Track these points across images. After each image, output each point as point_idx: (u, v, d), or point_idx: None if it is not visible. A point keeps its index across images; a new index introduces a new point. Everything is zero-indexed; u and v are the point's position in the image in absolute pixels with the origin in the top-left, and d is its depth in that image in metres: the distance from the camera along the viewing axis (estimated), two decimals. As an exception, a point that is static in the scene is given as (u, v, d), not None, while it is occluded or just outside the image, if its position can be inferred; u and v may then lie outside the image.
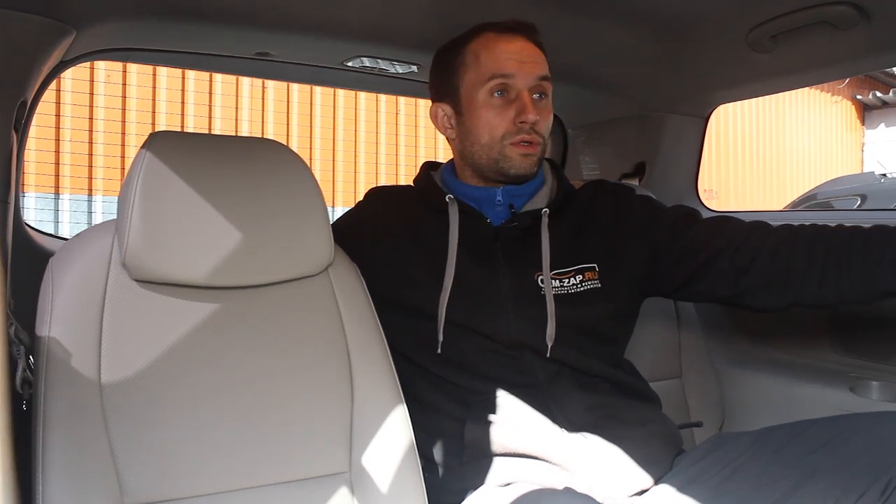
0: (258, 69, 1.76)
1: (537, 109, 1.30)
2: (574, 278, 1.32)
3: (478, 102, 1.33)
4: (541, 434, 1.21)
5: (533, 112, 1.29)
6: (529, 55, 1.32)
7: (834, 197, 5.39)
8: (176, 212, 1.08)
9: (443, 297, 1.29)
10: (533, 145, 1.32)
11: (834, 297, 1.24)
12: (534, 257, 1.32)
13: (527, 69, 1.31)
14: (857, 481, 1.03)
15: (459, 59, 1.36)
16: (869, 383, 1.63)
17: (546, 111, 1.34)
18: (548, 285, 1.30)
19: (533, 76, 1.31)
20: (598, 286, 1.33)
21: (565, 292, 1.31)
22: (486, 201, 1.36)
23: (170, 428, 1.04)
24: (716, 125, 9.61)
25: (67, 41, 1.28)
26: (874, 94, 11.06)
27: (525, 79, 1.31)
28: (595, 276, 1.33)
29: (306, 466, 1.11)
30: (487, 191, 1.36)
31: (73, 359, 1.00)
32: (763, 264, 1.27)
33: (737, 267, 1.29)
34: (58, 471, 0.94)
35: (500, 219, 1.35)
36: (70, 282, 1.06)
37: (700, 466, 1.20)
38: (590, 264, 1.34)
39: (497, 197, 1.35)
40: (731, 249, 1.29)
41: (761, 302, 1.31)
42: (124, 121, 6.12)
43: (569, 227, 1.37)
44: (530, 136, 1.31)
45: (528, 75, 1.31)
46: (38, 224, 1.69)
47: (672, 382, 1.85)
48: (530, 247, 1.32)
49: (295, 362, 1.15)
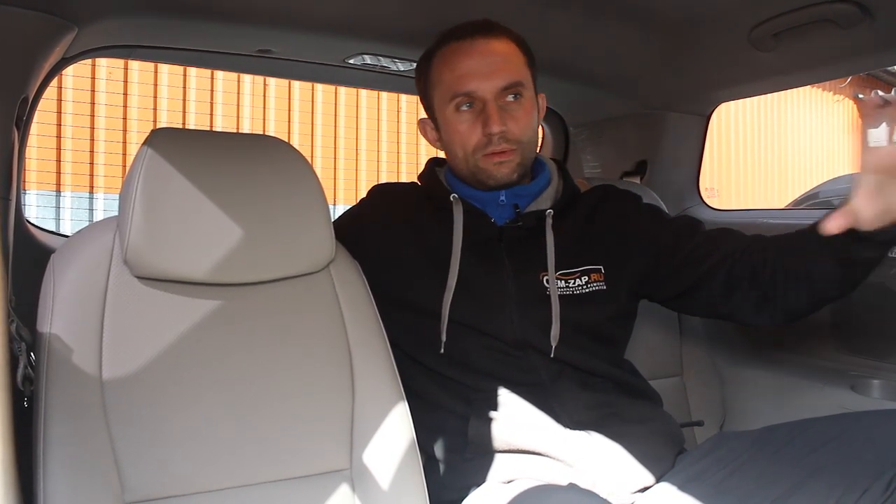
0: (260, 66, 1.76)
1: (507, 115, 1.28)
2: (580, 279, 1.32)
3: (448, 119, 1.32)
4: (544, 431, 1.21)
5: (497, 123, 1.27)
6: (490, 64, 1.29)
7: (836, 195, 5.38)
8: (177, 208, 1.08)
9: (446, 297, 1.29)
10: (506, 153, 1.30)
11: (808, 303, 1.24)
12: (538, 257, 1.31)
13: (488, 81, 1.28)
14: (860, 480, 1.02)
15: (428, 77, 1.36)
16: (870, 381, 1.63)
17: (521, 113, 1.30)
18: (553, 286, 1.29)
19: (494, 86, 1.28)
20: (602, 288, 1.33)
21: (571, 293, 1.31)
22: (489, 201, 1.35)
23: (171, 424, 1.04)
24: (717, 123, 9.60)
25: (69, 38, 1.28)
26: (876, 94, 11.03)
27: (487, 90, 1.28)
28: (601, 278, 1.33)
29: (307, 463, 1.11)
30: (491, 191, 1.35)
31: (75, 355, 1.00)
32: (754, 282, 1.27)
33: (729, 284, 1.29)
34: (59, 467, 0.94)
35: (504, 219, 1.35)
36: (71, 278, 1.06)
37: (702, 465, 1.20)
38: (596, 266, 1.34)
39: (501, 197, 1.34)
40: (726, 266, 1.29)
41: (755, 319, 1.30)
42: (126, 118, 6.12)
43: (574, 228, 1.36)
44: (500, 146, 1.29)
45: (490, 86, 1.28)
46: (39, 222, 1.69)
47: (673, 381, 1.85)
48: (535, 247, 1.32)
49: (296, 359, 1.15)
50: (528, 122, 1.32)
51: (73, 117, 5.88)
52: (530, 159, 1.35)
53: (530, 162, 1.35)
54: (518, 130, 1.30)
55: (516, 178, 1.33)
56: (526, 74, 1.32)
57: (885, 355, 1.65)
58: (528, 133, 1.32)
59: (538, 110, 1.37)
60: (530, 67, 1.34)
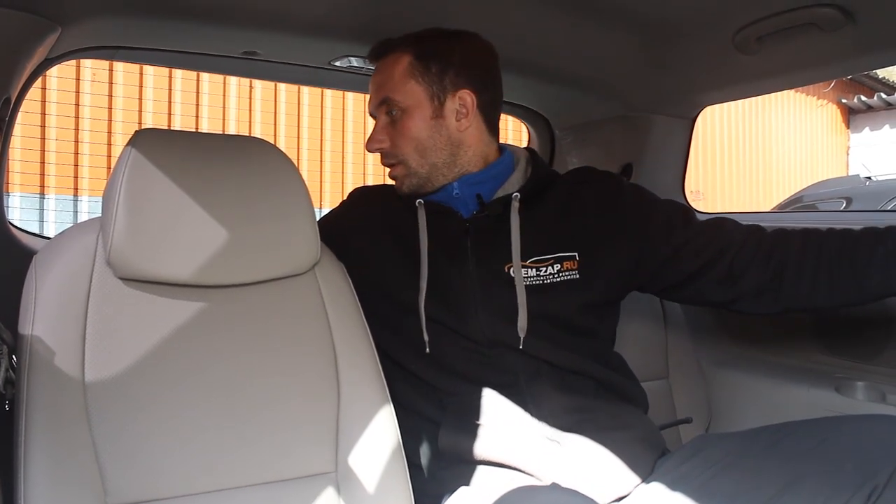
0: (246, 69, 1.75)
1: (391, 132, 1.34)
2: (552, 267, 1.30)
3: None
4: (517, 441, 1.19)
5: (372, 141, 1.36)
6: (373, 84, 1.37)
7: (820, 199, 5.42)
8: (161, 209, 1.07)
9: (420, 298, 1.29)
10: (393, 167, 1.36)
11: (826, 302, 1.25)
12: (506, 247, 1.29)
13: (372, 98, 1.37)
14: (841, 491, 1.02)
15: None
16: (854, 383, 1.64)
17: (398, 128, 1.33)
18: (518, 275, 1.27)
19: (374, 103, 1.37)
20: (575, 277, 1.30)
21: (540, 282, 1.29)
22: (449, 197, 1.35)
23: (154, 427, 1.03)
24: (703, 127, 9.66)
25: (52, 38, 1.27)
26: (859, 98, 11.13)
27: (372, 107, 1.38)
28: (574, 266, 1.30)
29: (292, 466, 1.11)
30: (446, 187, 1.35)
31: (57, 357, 1.00)
32: (756, 271, 1.27)
33: (731, 273, 1.29)
34: (40, 470, 0.93)
35: (471, 211, 1.34)
36: (54, 280, 1.05)
37: (683, 469, 1.18)
38: (569, 253, 1.31)
39: (455, 191, 1.34)
40: (727, 255, 1.29)
41: (753, 307, 1.31)
42: (111, 120, 6.08)
43: (549, 213, 1.34)
44: (384, 160, 1.37)
45: (372, 104, 1.37)
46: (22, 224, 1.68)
47: (659, 383, 1.85)
48: (503, 236, 1.30)
49: (281, 361, 1.14)
50: (406, 136, 1.33)
51: (57, 118, 5.84)
52: (425, 168, 1.34)
53: (431, 172, 1.34)
54: (395, 145, 1.34)
55: (415, 189, 1.36)
56: (404, 87, 1.32)
57: (869, 357, 1.66)
58: (407, 145, 1.33)
59: (439, 117, 1.33)
60: (420, 75, 1.32)
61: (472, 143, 1.35)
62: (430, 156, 1.33)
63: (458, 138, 1.34)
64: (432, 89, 1.32)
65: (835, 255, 1.23)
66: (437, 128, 1.33)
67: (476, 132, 1.36)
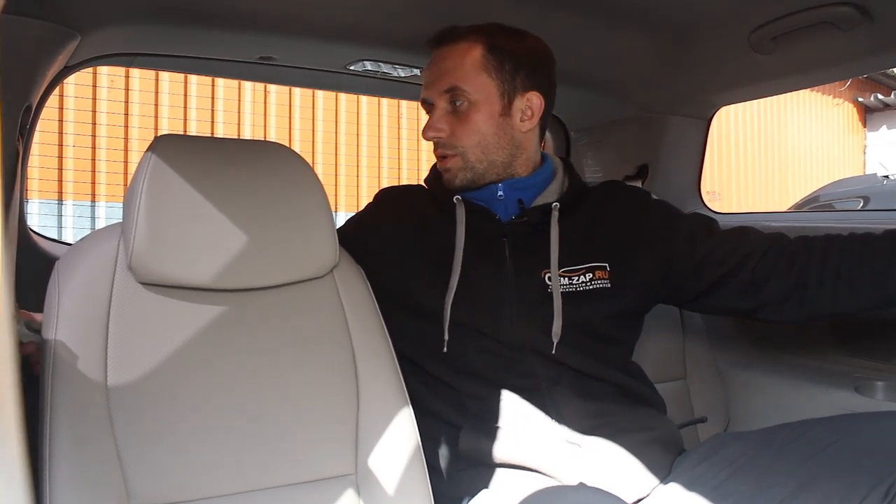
0: (261, 73, 1.77)
1: (451, 120, 1.32)
2: (584, 276, 1.31)
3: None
4: (537, 444, 1.19)
5: (430, 128, 1.33)
6: (438, 70, 1.33)
7: (837, 199, 5.39)
8: (181, 214, 1.08)
9: (448, 297, 1.28)
10: (446, 159, 1.34)
11: (849, 308, 1.25)
12: (543, 253, 1.30)
13: (432, 87, 1.34)
14: (858, 488, 1.01)
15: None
16: (874, 383, 1.62)
17: (462, 119, 1.31)
18: (555, 282, 1.28)
19: (437, 90, 1.33)
20: (607, 286, 1.31)
21: (574, 290, 1.29)
22: (492, 198, 1.35)
23: (176, 430, 1.04)
24: (718, 127, 9.61)
25: (72, 46, 1.28)
26: (876, 97, 11.06)
27: (433, 94, 1.34)
28: (605, 276, 1.32)
29: (312, 469, 1.11)
30: (490, 188, 1.35)
31: (80, 361, 1.01)
32: (779, 280, 1.27)
33: (754, 280, 1.29)
34: (64, 473, 0.94)
35: (510, 215, 1.35)
36: (76, 284, 1.06)
37: (700, 469, 1.18)
38: (601, 263, 1.32)
39: (499, 192, 1.34)
40: (750, 263, 1.29)
41: (778, 315, 1.31)
42: (127, 126, 6.14)
43: (581, 224, 1.35)
44: (439, 150, 1.34)
45: (435, 90, 1.33)
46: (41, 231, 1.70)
47: (676, 384, 1.85)
48: (540, 243, 1.31)
49: (300, 364, 1.15)
50: (471, 129, 1.31)
51: (74, 126, 5.89)
52: (483, 164, 1.33)
53: (488, 169, 1.33)
54: (456, 136, 1.32)
55: (467, 183, 1.34)
56: (476, 79, 1.30)
57: (888, 357, 1.65)
58: (469, 138, 1.32)
59: (506, 115, 1.32)
60: (494, 70, 1.31)
61: (528, 146, 1.36)
62: (491, 153, 1.33)
63: (520, 140, 1.34)
64: (504, 86, 1.31)
65: (856, 260, 1.22)
66: (503, 126, 1.32)
67: (534, 136, 1.37)
